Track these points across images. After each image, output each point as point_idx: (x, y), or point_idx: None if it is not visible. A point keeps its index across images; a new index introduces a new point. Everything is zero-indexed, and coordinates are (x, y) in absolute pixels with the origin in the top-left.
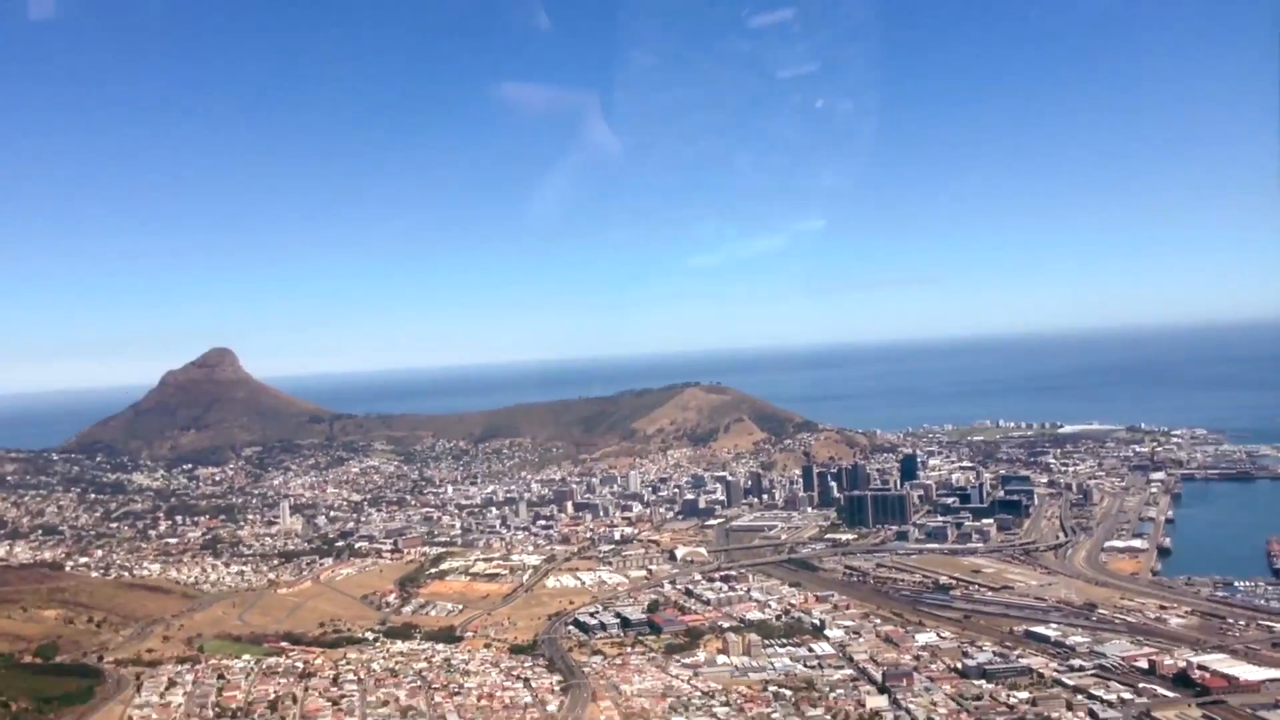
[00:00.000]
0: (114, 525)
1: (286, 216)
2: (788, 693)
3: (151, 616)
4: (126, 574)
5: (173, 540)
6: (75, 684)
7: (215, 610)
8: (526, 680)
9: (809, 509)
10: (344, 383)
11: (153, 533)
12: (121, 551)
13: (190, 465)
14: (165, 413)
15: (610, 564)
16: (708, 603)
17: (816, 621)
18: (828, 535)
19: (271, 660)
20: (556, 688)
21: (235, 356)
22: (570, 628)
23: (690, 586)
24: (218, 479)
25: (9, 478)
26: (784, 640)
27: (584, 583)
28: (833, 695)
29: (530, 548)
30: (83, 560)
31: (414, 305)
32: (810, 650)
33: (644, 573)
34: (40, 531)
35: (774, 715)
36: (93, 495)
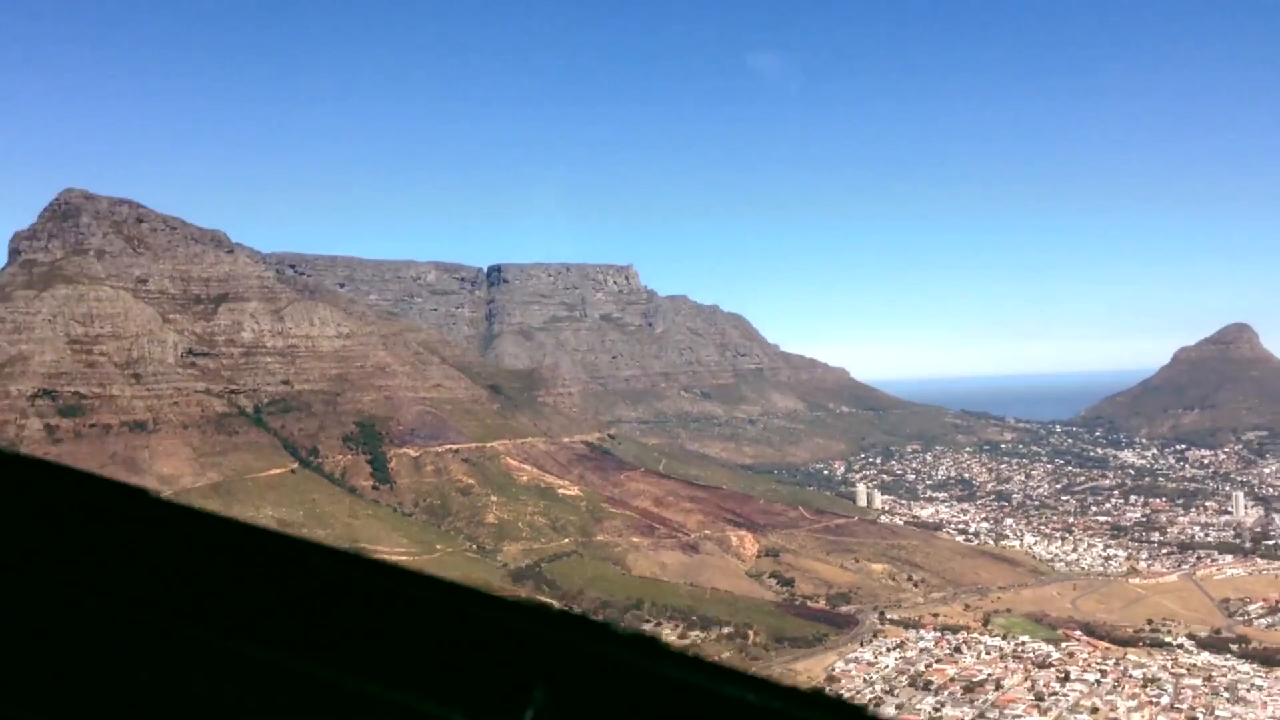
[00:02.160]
0: (1065, 498)
1: None
2: None
3: (979, 584)
4: (991, 542)
5: (1103, 519)
6: (817, 629)
7: (1050, 590)
8: None
9: None
10: None
11: (1095, 509)
12: (1020, 521)
13: (1184, 446)
14: (1173, 390)
15: None
16: None
17: None
18: None
19: (1046, 646)
20: None
21: (1255, 333)
22: None
23: None
24: (1206, 462)
25: (1004, 445)
26: None
27: None
28: None
29: None
30: (977, 526)
31: None
32: None
33: None
34: (993, 496)
35: None
36: (1071, 468)
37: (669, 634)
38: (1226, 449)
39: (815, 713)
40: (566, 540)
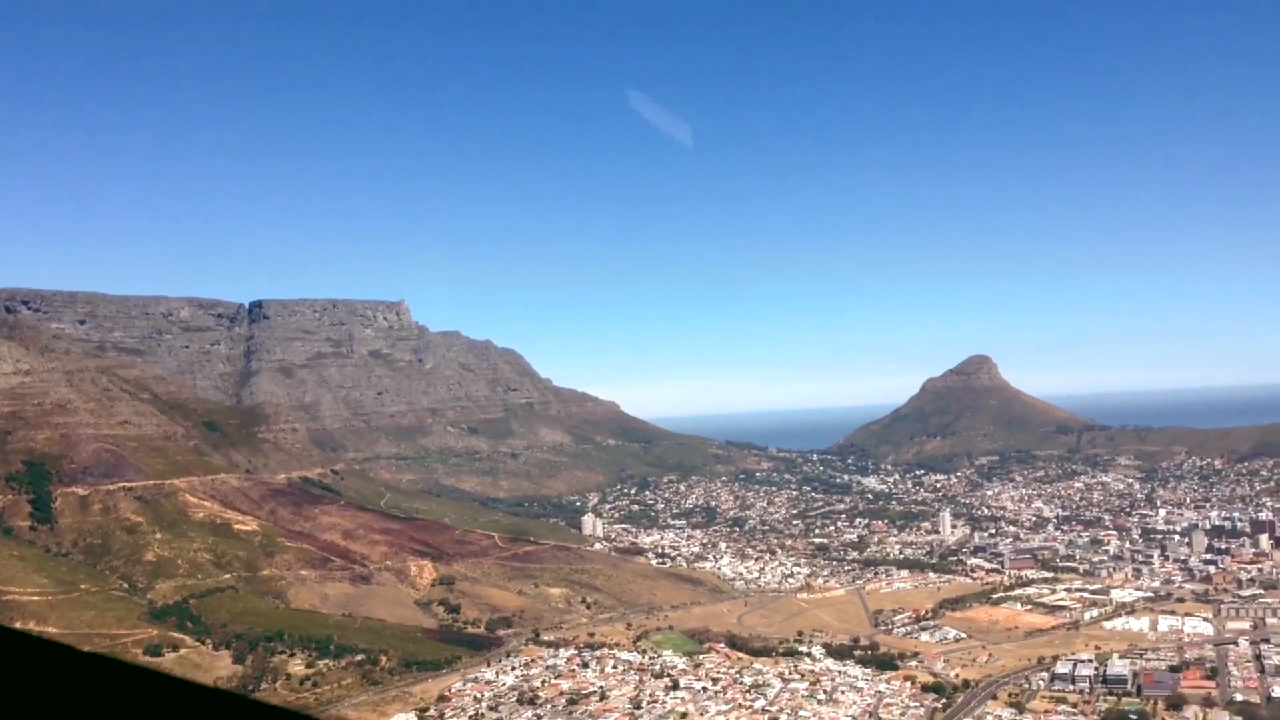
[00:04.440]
0: (796, 522)
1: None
2: None
3: (653, 604)
4: (683, 564)
5: (818, 540)
6: (451, 652)
7: (720, 607)
8: None
9: None
10: (1116, 401)
11: (817, 531)
12: (737, 544)
13: (923, 471)
14: (919, 419)
15: (1240, 613)
16: None
17: None
18: None
19: (678, 656)
20: None
21: (994, 364)
22: (1043, 675)
23: None
24: (939, 486)
25: (759, 472)
26: None
27: (1156, 628)
28: None
29: (1157, 582)
30: (684, 550)
31: (1180, 320)
32: None
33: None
34: (730, 522)
35: None
36: (811, 494)
37: (297, 664)
38: (959, 473)
39: None
40: (228, 576)
